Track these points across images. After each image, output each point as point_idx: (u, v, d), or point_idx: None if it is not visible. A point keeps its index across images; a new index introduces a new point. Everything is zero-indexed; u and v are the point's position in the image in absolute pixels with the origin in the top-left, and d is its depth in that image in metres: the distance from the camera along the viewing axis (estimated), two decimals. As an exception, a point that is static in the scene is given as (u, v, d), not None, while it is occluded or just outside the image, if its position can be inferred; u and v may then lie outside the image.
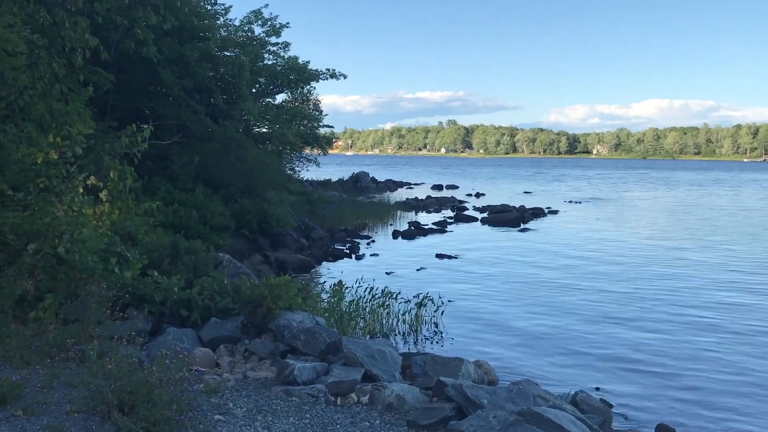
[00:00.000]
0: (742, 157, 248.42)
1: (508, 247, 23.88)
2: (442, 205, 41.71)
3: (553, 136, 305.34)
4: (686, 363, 10.58)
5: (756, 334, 12.25)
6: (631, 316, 13.58)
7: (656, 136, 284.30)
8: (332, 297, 12.02)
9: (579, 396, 7.63)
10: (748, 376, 9.98)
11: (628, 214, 38.16)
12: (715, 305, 14.56)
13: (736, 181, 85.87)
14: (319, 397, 6.43)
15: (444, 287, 15.87)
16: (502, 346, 11.40)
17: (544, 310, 14.08)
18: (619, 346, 11.45)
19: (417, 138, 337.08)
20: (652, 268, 19.19)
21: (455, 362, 7.43)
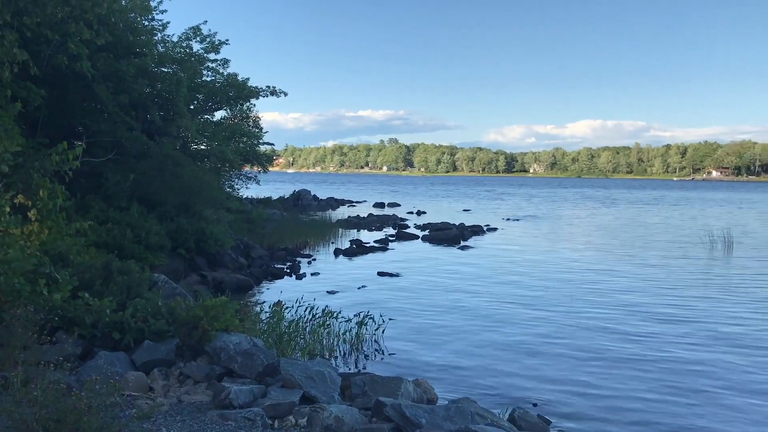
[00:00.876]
0: (672, 175, 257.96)
1: (448, 264, 24.08)
2: (383, 223, 41.80)
3: (491, 155, 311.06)
4: (623, 379, 10.79)
5: (691, 348, 12.62)
6: (567, 332, 13.83)
7: (590, 156, 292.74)
8: (271, 317, 11.86)
9: (517, 413, 7.71)
10: (683, 389, 10.25)
11: (565, 232, 39.04)
12: (650, 319, 14.95)
13: (669, 199, 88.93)
14: (256, 420, 6.30)
15: (385, 305, 15.86)
16: (442, 364, 11.43)
17: (483, 327, 14.21)
18: (557, 363, 11.62)
19: (359, 156, 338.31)
20: (588, 284, 19.63)
21: (394, 381, 7.41)
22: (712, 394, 10.07)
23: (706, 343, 13.03)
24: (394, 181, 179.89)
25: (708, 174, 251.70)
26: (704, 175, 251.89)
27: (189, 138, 23.04)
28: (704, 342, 13.09)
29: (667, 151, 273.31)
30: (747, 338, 13.42)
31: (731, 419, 9.07)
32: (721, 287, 19.42)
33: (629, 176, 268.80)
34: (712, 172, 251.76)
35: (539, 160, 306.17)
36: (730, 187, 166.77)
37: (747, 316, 15.54)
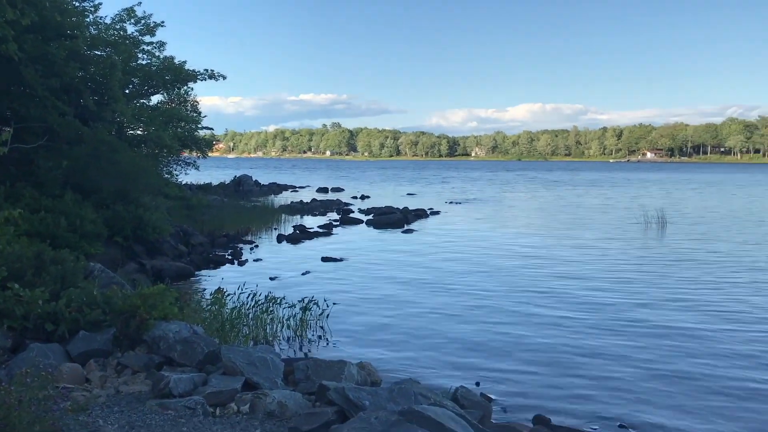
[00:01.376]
0: (608, 157, 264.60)
1: (392, 248, 24.17)
2: (327, 208, 41.65)
3: (434, 139, 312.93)
4: (562, 355, 11.06)
5: (628, 324, 12.99)
6: (509, 311, 14.07)
7: (530, 139, 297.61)
8: (213, 305, 11.68)
9: (459, 392, 7.80)
10: (621, 365, 10.55)
11: (506, 214, 39.65)
12: (587, 298, 15.34)
13: (606, 180, 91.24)
14: (197, 408, 6.19)
15: (330, 290, 15.82)
16: (386, 347, 11.49)
17: (427, 309, 14.32)
18: (499, 343, 11.81)
19: (301, 140, 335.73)
20: (528, 264, 20.00)
21: (338, 365, 7.39)
22: (647, 369, 10.39)
23: (640, 318, 13.45)
24: (337, 165, 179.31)
25: (643, 156, 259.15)
26: (639, 156, 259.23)
27: (125, 123, 22.41)
28: (637, 317, 13.50)
29: (603, 134, 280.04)
30: (677, 312, 13.91)
31: (660, 396, 9.38)
32: (656, 266, 20.05)
33: (567, 159, 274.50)
34: (646, 154, 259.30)
35: (481, 144, 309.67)
36: (664, 168, 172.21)
37: (681, 294, 16.08)
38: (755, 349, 11.37)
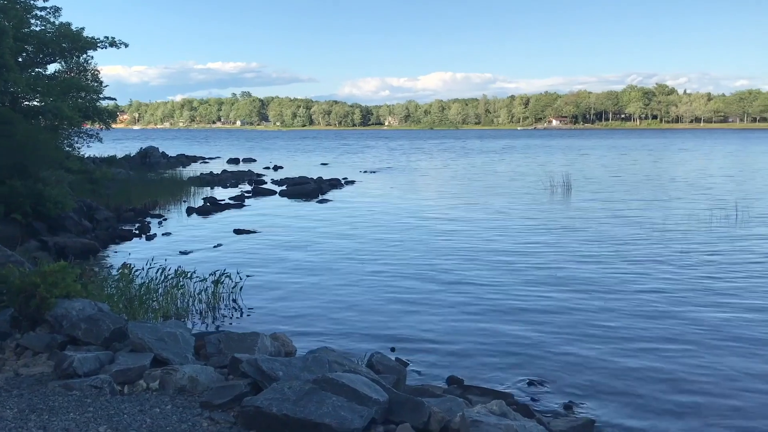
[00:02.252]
0: (517, 125, 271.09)
1: (306, 218, 24.03)
2: (239, 180, 40.89)
3: (347, 108, 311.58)
4: (476, 317, 11.34)
5: (537, 286, 13.43)
6: (423, 278, 14.27)
7: (441, 108, 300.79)
8: (119, 281, 11.29)
9: (375, 358, 7.87)
10: (531, 327, 10.91)
11: (420, 182, 40.09)
12: (497, 264, 15.75)
13: (515, 147, 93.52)
14: (104, 387, 5.98)
15: (243, 263, 15.60)
16: (302, 317, 11.45)
17: (341, 278, 14.35)
18: (414, 310, 11.97)
19: (210, 110, 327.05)
20: (442, 231, 20.33)
21: (251, 337, 7.30)
22: (556, 329, 10.80)
23: (546, 282, 13.94)
24: (248, 135, 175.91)
25: (549, 123, 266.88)
26: (545, 124, 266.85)
27: (19, 93, 21.10)
28: (544, 281, 13.99)
29: (511, 102, 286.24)
30: (583, 278, 14.51)
31: (566, 355, 9.79)
32: (561, 228, 20.79)
33: (477, 127, 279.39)
34: (552, 121, 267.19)
35: (394, 113, 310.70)
36: (569, 134, 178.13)
37: (587, 256, 16.74)
38: (650, 298, 12.00)
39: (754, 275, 14.16)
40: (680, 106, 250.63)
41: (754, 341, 9.96)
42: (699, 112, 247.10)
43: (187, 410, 5.72)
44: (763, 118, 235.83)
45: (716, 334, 10.31)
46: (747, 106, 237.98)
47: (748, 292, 12.77)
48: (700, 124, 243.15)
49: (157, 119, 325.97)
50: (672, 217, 22.99)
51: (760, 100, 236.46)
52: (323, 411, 4.97)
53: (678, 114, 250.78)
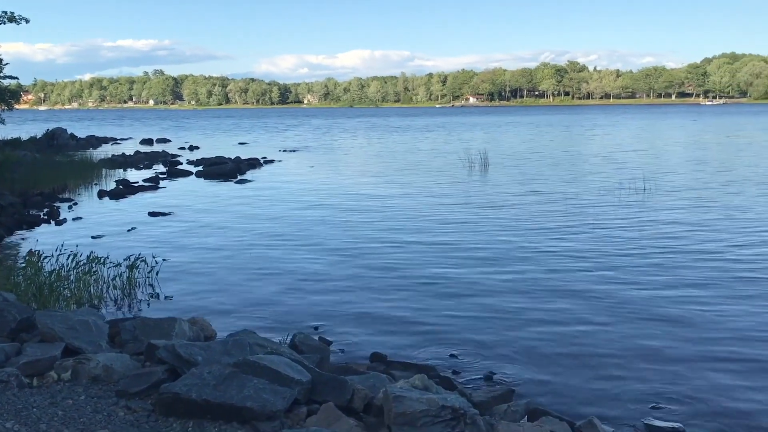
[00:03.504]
0: (435, 103, 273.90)
1: (225, 199, 23.57)
2: (153, 161, 39.62)
3: (265, 86, 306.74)
4: (399, 293, 11.42)
5: (457, 261, 13.63)
6: (343, 256, 14.24)
7: (361, 85, 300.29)
8: (26, 269, 10.76)
9: (298, 338, 7.82)
10: (452, 300, 11.08)
11: (341, 161, 39.95)
12: (417, 238, 15.90)
13: (435, 125, 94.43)
14: (10, 381, 5.68)
15: (159, 246, 15.17)
16: (222, 299, 11.24)
17: (262, 260, 14.16)
18: (336, 285, 11.97)
19: (121, 90, 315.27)
20: (362, 209, 20.34)
21: (168, 322, 7.10)
22: (477, 307, 11.02)
23: (463, 258, 14.19)
24: (162, 115, 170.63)
25: (466, 100, 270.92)
26: (463, 101, 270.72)
27: None
28: (462, 258, 14.24)
29: (429, 80, 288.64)
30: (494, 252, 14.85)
31: (485, 328, 10.01)
32: (478, 205, 21.19)
33: (397, 105, 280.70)
34: (469, 99, 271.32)
35: (313, 91, 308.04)
36: (486, 111, 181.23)
37: (504, 232, 17.12)
38: (563, 272, 12.41)
39: (666, 249, 14.84)
40: (591, 83, 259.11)
41: (666, 317, 10.43)
42: (608, 88, 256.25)
43: (102, 400, 5.51)
44: (668, 93, 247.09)
45: (626, 306, 10.73)
46: (653, 82, 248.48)
47: (660, 268, 13.36)
48: (610, 100, 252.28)
49: (64, 99, 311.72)
50: (586, 191, 23.77)
51: (664, 76, 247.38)
52: (245, 394, 4.89)
53: (589, 90, 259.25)
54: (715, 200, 21.03)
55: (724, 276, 12.11)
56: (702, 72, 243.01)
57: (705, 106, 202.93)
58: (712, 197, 21.67)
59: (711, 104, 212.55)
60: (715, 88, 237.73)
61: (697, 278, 12.00)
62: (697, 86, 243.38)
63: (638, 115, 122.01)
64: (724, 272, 12.36)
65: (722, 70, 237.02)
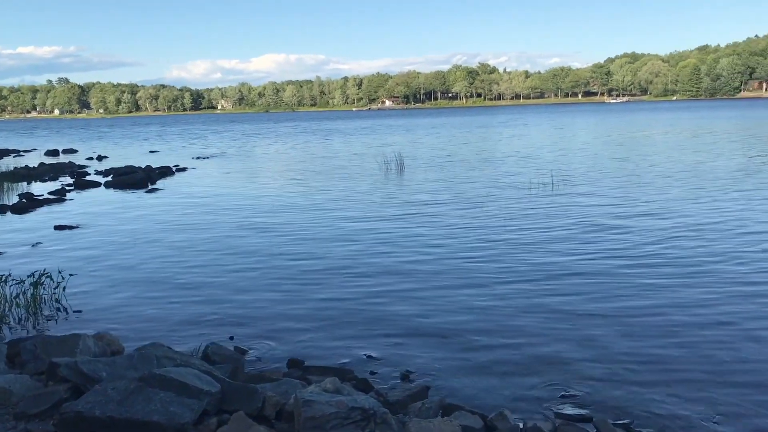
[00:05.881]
0: (351, 106, 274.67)
1: (135, 209, 22.88)
2: (59, 172, 38.02)
3: (176, 93, 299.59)
4: (315, 299, 11.39)
5: (370, 264, 13.71)
6: (258, 264, 14.09)
7: (276, 90, 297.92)
8: None
9: (210, 349, 7.70)
10: (366, 302, 11.14)
11: (256, 167, 39.47)
12: (332, 244, 15.90)
13: (352, 128, 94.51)
14: None
15: (66, 261, 14.58)
16: (131, 313, 10.92)
17: (174, 270, 13.81)
18: (251, 294, 11.82)
19: (23, 99, 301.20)
20: (277, 217, 20.18)
21: (71, 339, 6.86)
22: (391, 306, 11.13)
23: (376, 259, 14.32)
24: (68, 125, 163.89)
25: (382, 103, 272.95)
26: (379, 104, 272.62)
27: None
28: (377, 259, 14.36)
29: (345, 84, 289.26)
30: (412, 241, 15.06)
31: (400, 327, 10.13)
32: (393, 206, 21.40)
33: (313, 109, 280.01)
34: (385, 102, 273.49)
35: (226, 96, 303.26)
36: (402, 114, 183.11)
37: (417, 232, 17.36)
38: (479, 268, 12.72)
39: (575, 244, 15.41)
40: (501, 84, 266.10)
41: (573, 311, 10.83)
42: (518, 89, 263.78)
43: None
44: (574, 92, 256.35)
45: (534, 301, 11.10)
46: (560, 82, 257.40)
47: (570, 263, 13.86)
48: (520, 100, 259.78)
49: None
50: (498, 189, 24.39)
51: (570, 76, 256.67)
52: (151, 408, 4.79)
53: (500, 91, 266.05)
54: (624, 194, 21.99)
55: (629, 269, 12.67)
56: (606, 71, 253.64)
57: (609, 104, 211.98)
58: (621, 192, 22.65)
59: (615, 102, 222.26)
60: (618, 86, 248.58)
61: (603, 272, 12.51)
62: (601, 85, 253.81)
63: (548, 115, 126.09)
64: (630, 267, 12.93)
65: (624, 70, 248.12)
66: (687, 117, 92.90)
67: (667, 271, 12.18)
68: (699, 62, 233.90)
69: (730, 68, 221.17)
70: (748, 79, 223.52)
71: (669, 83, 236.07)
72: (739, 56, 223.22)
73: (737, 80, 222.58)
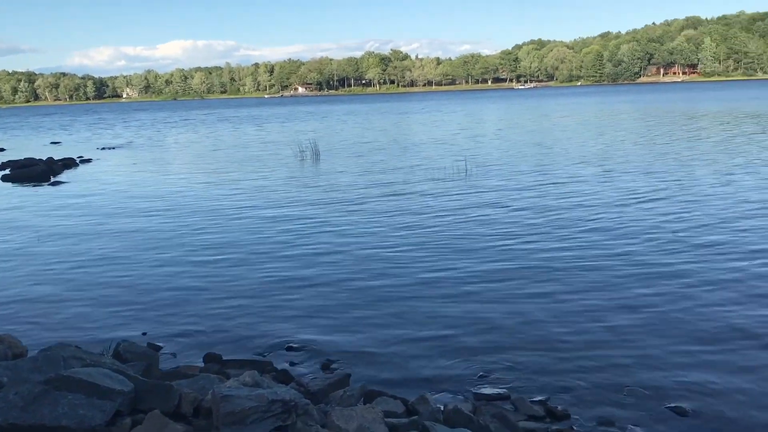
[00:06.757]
0: (263, 93, 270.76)
1: (36, 204, 21.77)
2: (-51, 167, 35.72)
3: (78, 81, 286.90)
4: (229, 293, 11.17)
5: (283, 254, 13.55)
6: (169, 256, 13.70)
7: (184, 77, 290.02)
8: None
9: (122, 346, 7.41)
10: (285, 290, 11.00)
11: (166, 157, 38.28)
12: (248, 235, 15.63)
13: (265, 116, 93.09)
14: None
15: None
16: (36, 312, 10.39)
17: (80, 267, 13.21)
18: (162, 288, 11.48)
19: None
20: (187, 207, 19.67)
21: (-32, 344, 6.44)
22: (310, 298, 11.04)
23: (294, 250, 14.19)
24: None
25: (295, 90, 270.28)
26: (292, 91, 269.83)
27: None
28: (294, 250, 14.23)
29: (256, 70, 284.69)
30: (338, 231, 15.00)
31: (319, 317, 10.08)
32: (307, 195, 21.25)
33: (224, 96, 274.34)
34: (298, 89, 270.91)
35: (132, 84, 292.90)
36: (315, 101, 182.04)
37: (337, 220, 17.29)
38: (394, 257, 12.80)
39: (489, 226, 15.71)
40: (414, 71, 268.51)
41: (490, 291, 11.03)
42: (430, 75, 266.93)
43: None
44: (484, 79, 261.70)
45: (452, 283, 11.27)
46: (470, 69, 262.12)
47: (484, 245, 14.13)
48: (432, 87, 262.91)
49: None
50: (412, 175, 24.58)
51: (480, 63, 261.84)
52: (59, 413, 4.54)
53: (412, 78, 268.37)
54: (537, 179, 22.60)
55: (544, 253, 13.02)
56: (514, 58, 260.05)
57: (518, 90, 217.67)
58: (534, 176, 23.26)
59: (523, 88, 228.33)
60: (526, 73, 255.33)
61: (518, 256, 12.81)
62: (510, 72, 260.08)
63: (460, 101, 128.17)
64: (544, 251, 13.29)
65: (531, 56, 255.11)
66: (592, 102, 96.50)
67: (580, 254, 12.58)
68: (602, 48, 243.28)
69: (631, 54, 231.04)
70: (647, 64, 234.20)
71: (574, 69, 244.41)
72: (638, 43, 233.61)
73: (637, 66, 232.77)
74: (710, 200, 17.26)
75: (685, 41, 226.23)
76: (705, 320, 8.98)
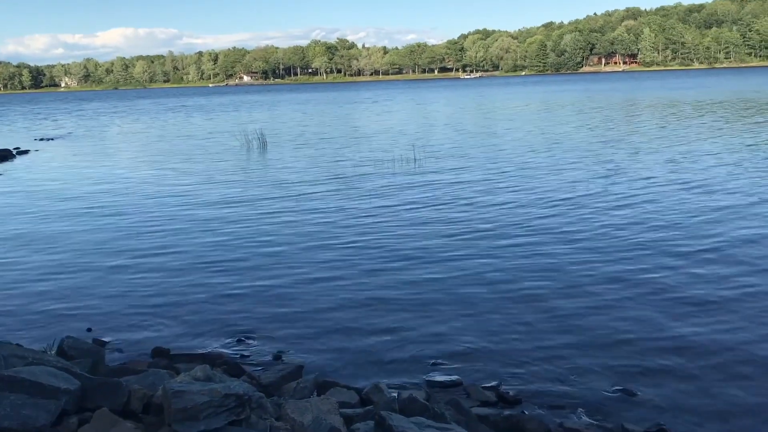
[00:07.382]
0: (208, 82, 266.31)
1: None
2: None
3: (13, 69, 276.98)
4: (175, 285, 10.96)
5: (231, 243, 13.36)
6: (111, 251, 13.35)
7: (125, 66, 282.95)
8: None
9: (66, 343, 7.19)
10: (231, 282, 10.86)
11: (108, 148, 37.31)
12: (196, 228, 15.37)
13: (210, 105, 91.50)
14: None
15: None
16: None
17: (18, 262, 12.78)
18: (106, 283, 11.20)
19: None
20: (133, 199, 19.24)
21: None
22: (260, 287, 10.92)
23: (243, 239, 14.02)
24: None
25: (240, 79, 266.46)
26: (237, 80, 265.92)
27: None
28: (242, 239, 14.05)
29: (200, 59, 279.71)
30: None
31: (269, 306, 9.98)
32: (255, 185, 21.02)
33: (167, 85, 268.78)
34: (243, 77, 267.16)
35: (71, 73, 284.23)
36: (260, 90, 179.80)
37: (281, 210, 17.14)
38: (336, 242, 12.76)
39: (439, 211, 15.81)
40: (361, 60, 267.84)
41: (435, 279, 11.10)
42: (377, 65, 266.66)
43: None
44: (431, 68, 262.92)
45: (399, 272, 11.29)
46: (417, 59, 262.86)
47: (430, 232, 14.19)
48: (379, 76, 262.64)
49: None
50: (363, 166, 24.51)
51: (427, 52, 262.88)
52: (1, 414, 4.36)
53: (359, 67, 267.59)
54: (486, 166, 22.82)
55: (495, 240, 13.16)
56: (459, 48, 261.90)
57: (464, 79, 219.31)
58: (484, 164, 23.48)
59: (469, 78, 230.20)
60: (471, 62, 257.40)
61: (470, 245, 12.89)
62: (456, 61, 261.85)
63: (408, 90, 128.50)
64: (495, 237, 13.43)
65: (477, 46, 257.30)
66: (538, 91, 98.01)
67: (532, 240, 12.76)
68: (545, 38, 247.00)
69: (573, 44, 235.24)
70: (589, 54, 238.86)
71: (518, 59, 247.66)
72: (580, 33, 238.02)
73: (579, 56, 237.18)
74: (653, 185, 17.75)
75: (626, 32, 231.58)
76: (651, 303, 9.21)
